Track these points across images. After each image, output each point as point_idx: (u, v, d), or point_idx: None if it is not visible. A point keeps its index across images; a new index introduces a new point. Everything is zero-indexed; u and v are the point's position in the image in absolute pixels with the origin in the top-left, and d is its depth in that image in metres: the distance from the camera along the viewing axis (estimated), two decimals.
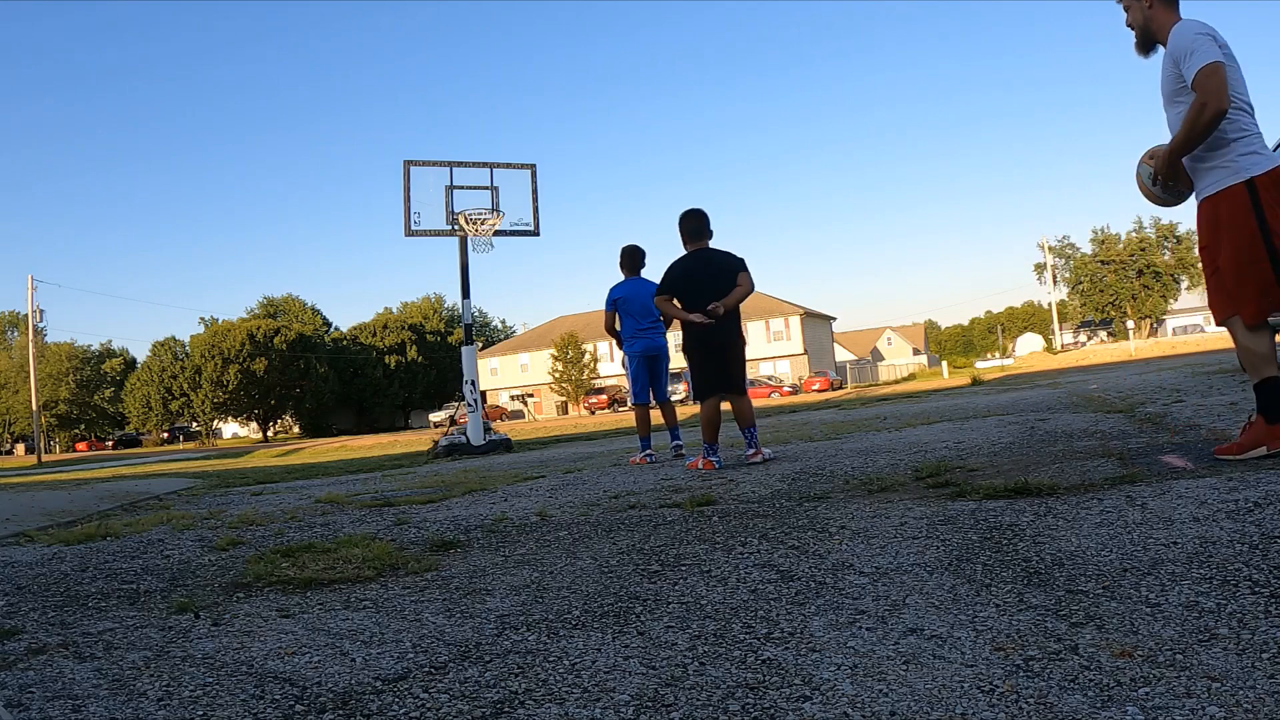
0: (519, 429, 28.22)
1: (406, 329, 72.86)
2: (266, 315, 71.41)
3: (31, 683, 1.77)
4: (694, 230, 5.25)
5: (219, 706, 1.60)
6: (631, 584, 2.32)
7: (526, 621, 2.04)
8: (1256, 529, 2.10)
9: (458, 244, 11.42)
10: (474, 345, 11.66)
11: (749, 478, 4.36)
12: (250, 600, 2.49)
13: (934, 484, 3.44)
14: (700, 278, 5.14)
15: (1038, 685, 1.39)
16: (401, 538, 3.42)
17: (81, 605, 2.53)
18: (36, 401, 44.09)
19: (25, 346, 56.79)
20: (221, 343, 60.29)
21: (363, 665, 1.80)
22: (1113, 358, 32.05)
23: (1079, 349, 54.37)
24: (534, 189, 11.75)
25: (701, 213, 5.28)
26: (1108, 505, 2.60)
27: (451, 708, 1.53)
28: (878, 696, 1.41)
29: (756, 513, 3.22)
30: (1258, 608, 1.62)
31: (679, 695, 1.50)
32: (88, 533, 4.00)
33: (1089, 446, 4.11)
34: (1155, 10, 3.05)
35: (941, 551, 2.31)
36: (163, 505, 5.98)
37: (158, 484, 8.48)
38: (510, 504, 4.27)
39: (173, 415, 64.59)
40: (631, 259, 6.45)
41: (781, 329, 57.29)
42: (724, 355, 5.19)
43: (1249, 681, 1.32)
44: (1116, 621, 1.64)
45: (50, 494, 7.12)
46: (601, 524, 3.35)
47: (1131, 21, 3.14)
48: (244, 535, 3.76)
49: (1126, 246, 60.36)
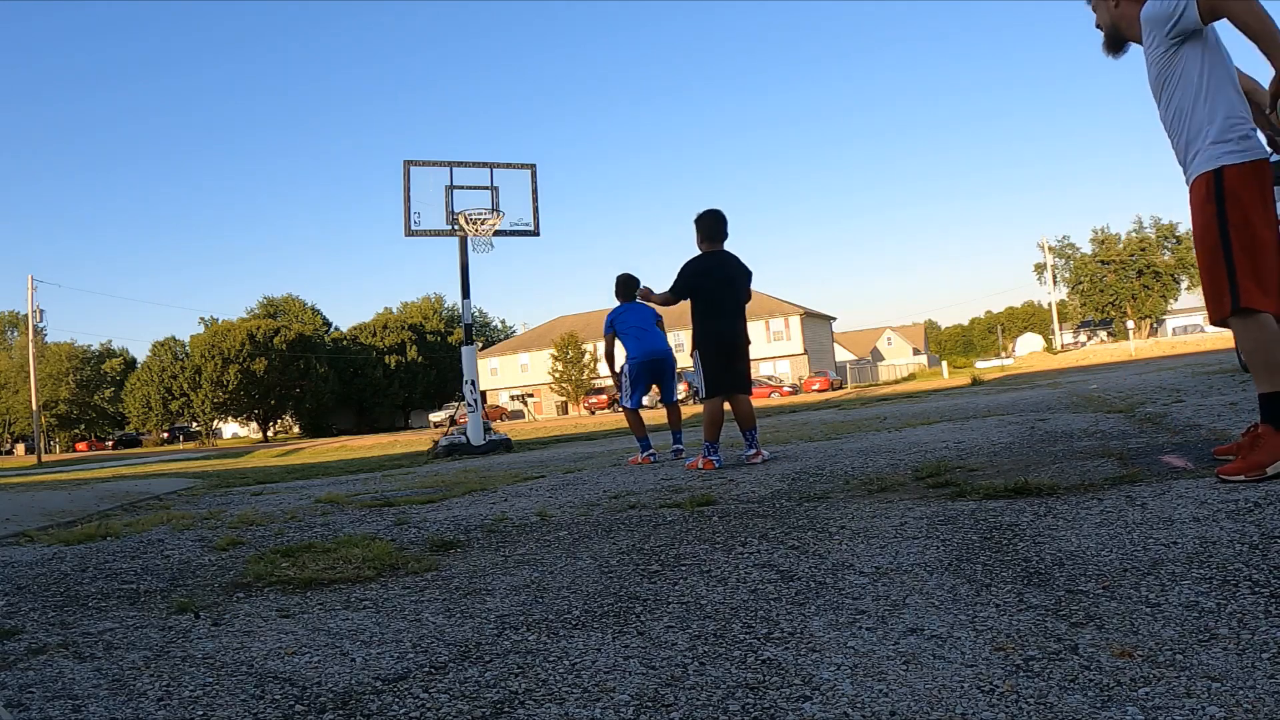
0: (519, 429, 28.23)
1: (406, 329, 72.85)
2: (266, 315, 71.39)
3: (31, 683, 1.77)
4: (712, 231, 5.26)
5: (219, 706, 1.60)
6: (631, 584, 2.32)
7: (526, 621, 2.04)
8: (1256, 529, 2.10)
9: (458, 244, 11.42)
10: (474, 345, 11.66)
11: (749, 478, 4.36)
12: (250, 600, 2.49)
13: (934, 484, 3.44)
14: (718, 278, 5.17)
15: (1038, 685, 1.39)
16: (401, 538, 3.42)
17: (81, 605, 2.53)
18: (36, 401, 44.08)
19: (25, 346, 56.79)
20: (221, 343, 60.29)
21: (363, 665, 1.80)
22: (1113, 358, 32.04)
23: (1079, 349, 54.36)
24: (534, 189, 11.76)
25: (721, 214, 5.29)
26: (1108, 505, 2.60)
27: (451, 708, 1.53)
28: (878, 696, 1.41)
29: (756, 513, 3.22)
30: (1258, 608, 1.61)
31: (679, 695, 1.50)
32: (88, 533, 4.00)
33: (1089, 446, 4.11)
34: (1123, 7, 2.90)
35: (941, 551, 2.31)
36: (163, 505, 5.98)
37: (158, 484, 8.48)
38: (510, 504, 4.27)
39: (173, 415, 64.59)
40: (626, 287, 6.60)
41: (781, 329, 57.28)
42: (738, 354, 5.22)
43: (1249, 681, 1.32)
44: (1116, 621, 1.64)
45: (50, 494, 7.12)
46: (601, 524, 3.35)
47: (1100, 22, 3.00)
48: (244, 535, 3.76)
49: (1126, 246, 60.38)
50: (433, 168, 11.38)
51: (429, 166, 11.38)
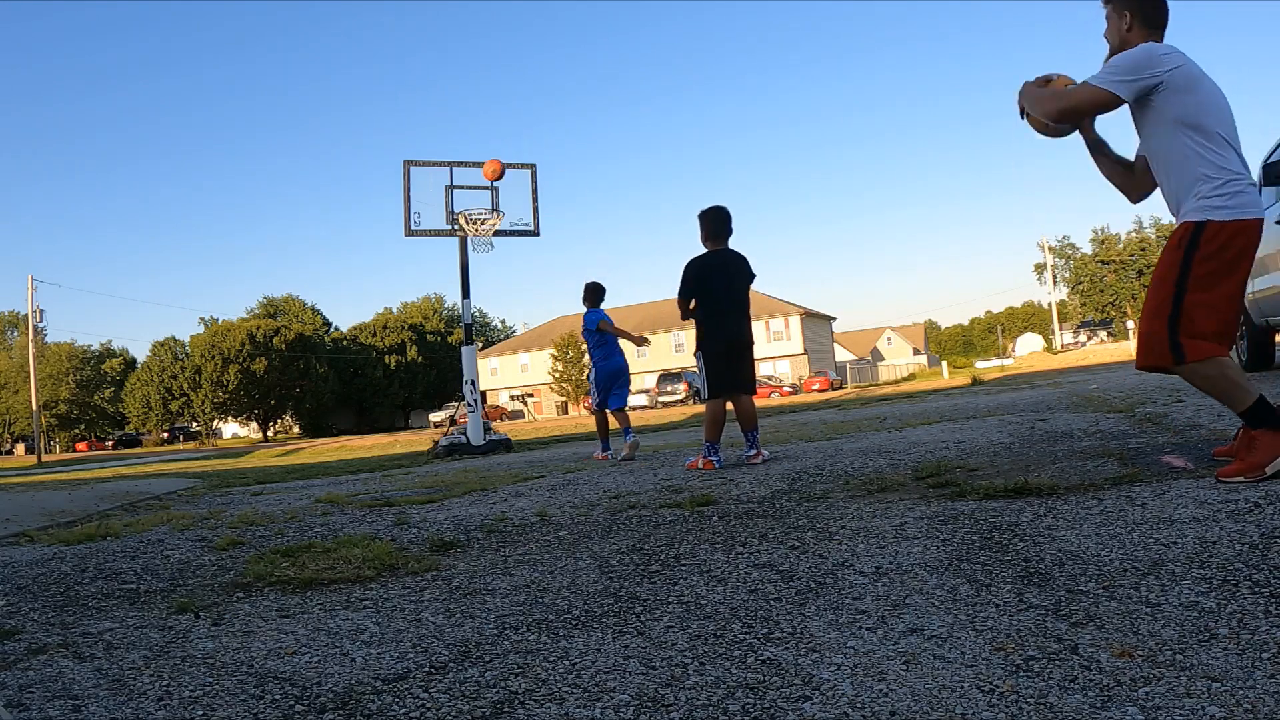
0: (519, 429, 28.21)
1: (406, 329, 72.85)
2: (266, 315, 71.37)
3: (31, 683, 1.77)
4: (716, 229, 5.24)
5: (219, 706, 1.60)
6: (631, 584, 2.32)
7: (526, 621, 2.04)
8: (1256, 529, 2.10)
9: (458, 244, 11.41)
10: (474, 345, 11.65)
11: (749, 478, 4.36)
12: (250, 600, 2.49)
13: (934, 484, 3.44)
14: (722, 276, 5.16)
15: (1038, 685, 1.39)
16: (401, 538, 3.42)
17: (81, 605, 2.53)
18: (36, 401, 44.08)
19: (25, 346, 56.77)
20: (221, 343, 60.28)
21: (363, 665, 1.80)
22: (1113, 358, 31.99)
23: (1079, 349, 54.28)
24: (534, 189, 11.75)
25: (725, 211, 5.27)
26: (1108, 505, 2.60)
27: (451, 708, 1.53)
28: (878, 696, 1.41)
29: (756, 513, 3.22)
30: (1258, 608, 1.62)
31: (679, 695, 1.50)
32: (88, 533, 4.00)
33: (1089, 446, 4.11)
34: (1133, 34, 2.81)
35: (941, 551, 2.31)
36: (163, 505, 5.98)
37: (158, 484, 8.48)
38: (510, 504, 4.27)
39: (173, 415, 64.60)
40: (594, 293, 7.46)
41: (781, 329, 57.30)
42: (744, 355, 5.22)
43: (1249, 681, 1.32)
44: (1116, 621, 1.64)
45: (50, 494, 7.12)
46: (601, 524, 3.35)
47: (1108, 35, 2.92)
48: (244, 535, 3.76)
49: (1126, 246, 60.41)
50: (433, 168, 11.37)
51: (429, 166, 11.36)
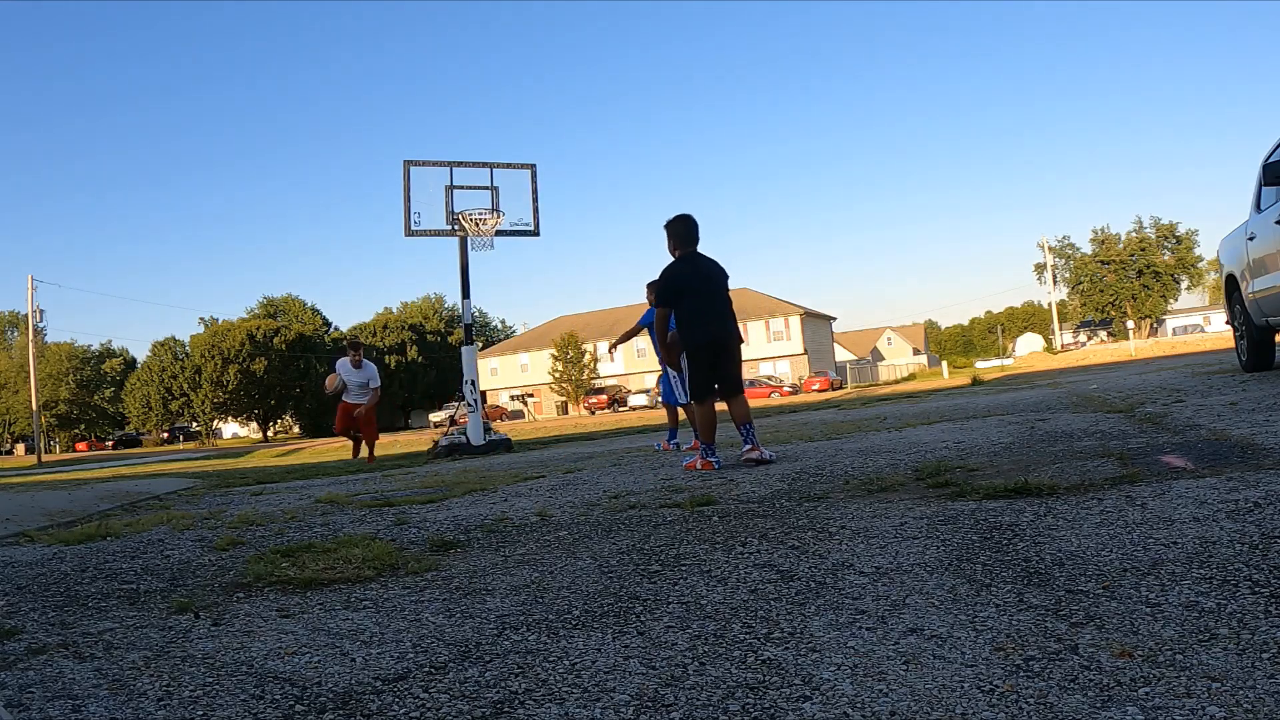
0: (519, 429, 28.22)
1: (406, 329, 72.83)
2: (266, 315, 71.35)
3: (31, 683, 1.77)
4: (685, 236, 5.35)
5: (219, 706, 1.60)
6: (631, 584, 2.32)
7: (526, 621, 2.04)
8: (1256, 529, 2.10)
9: (458, 244, 11.40)
10: (474, 345, 11.65)
11: (749, 478, 4.36)
12: (250, 600, 2.49)
13: (934, 484, 3.44)
14: (702, 279, 5.23)
15: (1038, 685, 1.39)
16: (401, 538, 3.42)
17: (81, 605, 2.53)
18: (36, 401, 44.09)
19: (25, 346, 56.74)
20: (221, 343, 60.31)
21: (363, 665, 1.80)
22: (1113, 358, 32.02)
23: (1079, 349, 54.35)
24: (534, 189, 11.75)
25: (692, 218, 5.42)
26: (1108, 505, 2.60)
27: (451, 708, 1.53)
28: (878, 696, 1.41)
29: (756, 513, 3.22)
30: (1258, 608, 1.62)
31: (679, 695, 1.50)
32: (88, 533, 4.00)
33: (1089, 446, 4.11)
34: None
35: (941, 551, 2.31)
36: (163, 505, 5.98)
37: (158, 484, 8.48)
38: (510, 504, 4.27)
39: (173, 415, 64.64)
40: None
41: (781, 329, 57.30)
42: (728, 356, 5.22)
43: (1249, 681, 1.32)
44: (1116, 621, 1.64)
45: (50, 494, 7.12)
46: (601, 524, 3.35)
47: None
48: (244, 535, 3.76)
49: (1126, 246, 60.42)
50: (433, 168, 11.36)
51: (429, 166, 11.36)
